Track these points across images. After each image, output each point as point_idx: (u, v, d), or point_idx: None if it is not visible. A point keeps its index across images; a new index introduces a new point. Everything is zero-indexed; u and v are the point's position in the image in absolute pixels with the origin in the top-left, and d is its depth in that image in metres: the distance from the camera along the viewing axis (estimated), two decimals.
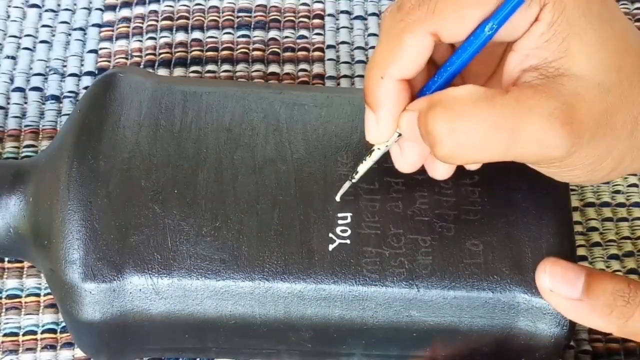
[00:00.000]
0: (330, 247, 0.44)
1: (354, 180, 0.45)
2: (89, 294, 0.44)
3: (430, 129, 0.39)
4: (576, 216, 0.56)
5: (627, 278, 0.43)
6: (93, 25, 0.63)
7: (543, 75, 0.39)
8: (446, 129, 0.38)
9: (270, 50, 0.62)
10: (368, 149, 0.44)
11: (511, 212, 0.46)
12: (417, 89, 0.42)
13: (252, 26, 0.63)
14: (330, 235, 0.45)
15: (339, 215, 0.45)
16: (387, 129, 0.42)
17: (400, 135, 0.42)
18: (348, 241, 0.45)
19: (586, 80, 0.39)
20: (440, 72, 0.41)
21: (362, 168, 0.45)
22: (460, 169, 0.45)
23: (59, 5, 0.64)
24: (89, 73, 0.61)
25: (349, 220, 0.45)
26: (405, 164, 0.44)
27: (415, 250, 0.45)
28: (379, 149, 0.44)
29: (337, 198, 0.46)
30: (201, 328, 0.45)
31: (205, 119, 0.48)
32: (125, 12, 0.64)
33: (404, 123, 0.41)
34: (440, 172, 0.44)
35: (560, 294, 0.42)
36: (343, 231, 0.45)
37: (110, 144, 0.46)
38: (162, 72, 0.61)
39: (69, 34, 0.63)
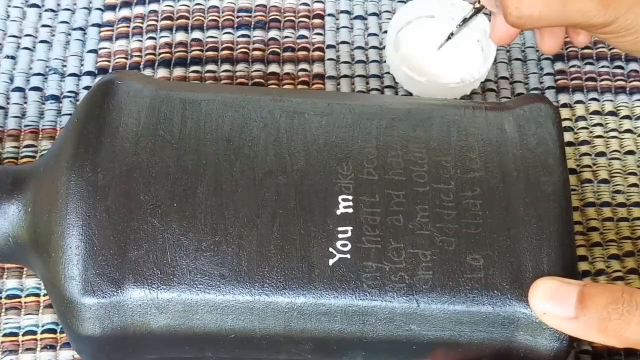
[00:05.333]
0: (331, 261, 0.44)
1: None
2: (88, 310, 0.44)
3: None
4: (576, 216, 0.56)
5: (620, 287, 0.42)
6: (93, 25, 0.63)
7: None
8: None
9: (270, 50, 0.62)
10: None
11: (512, 225, 0.45)
12: None
13: (252, 26, 0.63)
14: (331, 249, 0.44)
15: (339, 229, 0.45)
16: None
17: None
18: (348, 255, 0.44)
19: None
20: None
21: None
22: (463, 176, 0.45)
23: (58, 5, 0.64)
24: (88, 73, 0.61)
25: (349, 234, 0.45)
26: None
27: (416, 265, 0.44)
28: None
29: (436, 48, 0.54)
30: (201, 342, 0.45)
31: (205, 129, 0.47)
32: (125, 12, 0.63)
33: None
34: (551, 44, 0.56)
35: (555, 314, 0.42)
36: (343, 245, 0.45)
37: (108, 155, 0.46)
38: (162, 72, 0.61)
39: (69, 34, 0.62)
